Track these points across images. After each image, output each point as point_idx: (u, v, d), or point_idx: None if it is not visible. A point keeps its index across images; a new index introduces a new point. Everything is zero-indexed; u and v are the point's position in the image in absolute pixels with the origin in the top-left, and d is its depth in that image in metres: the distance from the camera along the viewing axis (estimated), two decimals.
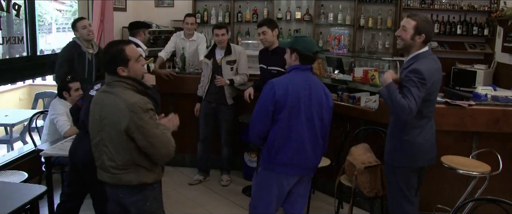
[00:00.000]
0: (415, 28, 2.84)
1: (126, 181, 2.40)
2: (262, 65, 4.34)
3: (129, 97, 2.33)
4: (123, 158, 2.37)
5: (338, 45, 4.62)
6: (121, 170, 2.39)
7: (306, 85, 2.78)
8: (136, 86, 2.43)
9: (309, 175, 2.97)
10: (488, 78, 5.87)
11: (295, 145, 2.77)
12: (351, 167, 3.46)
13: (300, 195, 2.96)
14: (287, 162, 2.78)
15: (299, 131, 2.76)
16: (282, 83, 2.76)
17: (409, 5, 6.52)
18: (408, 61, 2.89)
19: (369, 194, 3.36)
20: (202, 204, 4.27)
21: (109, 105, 2.37)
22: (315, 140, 2.83)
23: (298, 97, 2.74)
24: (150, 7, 6.89)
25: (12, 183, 3.07)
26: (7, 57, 4.50)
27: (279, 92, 2.72)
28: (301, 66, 2.83)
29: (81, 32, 4.29)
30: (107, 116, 2.37)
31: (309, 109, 2.77)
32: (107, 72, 2.44)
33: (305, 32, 6.77)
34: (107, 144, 2.39)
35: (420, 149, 2.91)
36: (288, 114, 2.73)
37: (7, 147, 5.52)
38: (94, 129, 2.46)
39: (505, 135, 3.61)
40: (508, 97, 3.73)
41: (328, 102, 2.87)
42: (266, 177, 2.86)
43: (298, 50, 2.82)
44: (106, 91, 2.42)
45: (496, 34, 6.20)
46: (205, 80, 4.62)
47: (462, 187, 3.52)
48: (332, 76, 4.56)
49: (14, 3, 4.03)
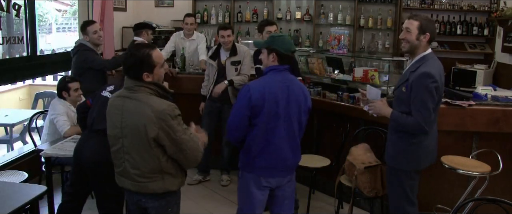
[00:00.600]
0: (419, 28, 2.82)
1: (151, 190, 2.36)
2: (259, 66, 4.32)
3: (157, 104, 2.27)
4: (149, 166, 2.32)
5: (338, 45, 4.62)
6: (147, 178, 2.34)
7: (284, 87, 2.69)
8: (158, 91, 2.37)
9: (291, 175, 2.88)
10: (488, 78, 5.87)
11: (274, 148, 2.70)
12: (351, 167, 3.46)
13: (286, 197, 2.88)
14: (267, 165, 2.72)
15: (278, 134, 2.68)
16: (259, 86, 2.66)
17: (409, 5, 6.52)
18: (415, 64, 2.87)
19: (369, 194, 3.36)
20: (202, 204, 4.27)
21: (132, 112, 2.29)
22: (293, 140, 2.76)
23: (276, 100, 2.65)
24: (150, 7, 6.89)
25: (12, 183, 3.07)
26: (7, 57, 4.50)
27: (256, 97, 2.62)
28: (279, 67, 2.73)
29: (92, 37, 4.31)
30: (130, 123, 2.30)
31: (287, 111, 2.69)
32: (129, 77, 2.36)
33: (305, 32, 6.78)
34: (131, 152, 2.33)
35: (426, 150, 2.91)
36: (266, 118, 2.64)
37: (7, 147, 5.52)
38: (114, 135, 2.39)
39: (505, 135, 3.61)
40: (508, 97, 3.73)
41: (307, 103, 2.79)
42: (247, 182, 2.78)
43: (276, 50, 2.71)
44: (127, 96, 2.34)
45: (496, 34, 6.20)
46: (210, 80, 4.62)
47: (462, 187, 3.52)
48: (332, 76, 4.56)
49: (14, 3, 4.03)
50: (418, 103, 2.76)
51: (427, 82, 2.74)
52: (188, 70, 5.19)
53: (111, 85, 3.00)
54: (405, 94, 2.85)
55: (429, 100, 2.74)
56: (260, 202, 2.80)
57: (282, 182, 2.82)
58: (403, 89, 2.88)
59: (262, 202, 2.82)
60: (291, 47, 2.78)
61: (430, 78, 2.74)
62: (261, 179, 2.75)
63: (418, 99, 2.75)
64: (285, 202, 2.89)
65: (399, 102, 2.94)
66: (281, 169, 2.78)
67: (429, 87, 2.73)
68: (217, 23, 6.73)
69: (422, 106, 2.75)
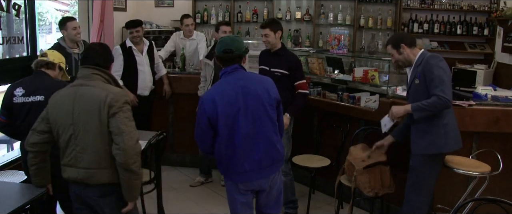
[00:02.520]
0: (393, 47, 3.17)
1: (97, 181, 2.45)
2: (264, 67, 4.29)
3: (111, 89, 2.51)
4: (100, 151, 2.43)
5: (338, 45, 4.62)
6: (97, 164, 2.43)
7: (237, 88, 2.60)
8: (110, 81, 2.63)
9: (273, 174, 2.75)
10: (488, 78, 5.87)
11: (245, 151, 2.62)
12: (351, 167, 3.46)
13: (272, 195, 2.80)
14: (242, 170, 2.65)
15: (245, 136, 2.60)
16: (209, 96, 2.62)
17: (409, 5, 6.52)
18: (418, 60, 3.13)
19: (369, 194, 3.36)
20: (202, 204, 4.27)
21: (86, 96, 2.45)
22: (267, 137, 2.66)
23: (230, 104, 2.58)
24: (150, 7, 6.89)
25: (12, 183, 3.07)
26: (7, 57, 4.49)
27: (208, 107, 2.58)
28: (227, 69, 2.67)
29: (70, 32, 4.25)
30: (84, 107, 2.43)
31: (249, 110, 2.60)
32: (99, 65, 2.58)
33: (305, 32, 6.78)
34: (83, 136, 2.43)
35: (456, 128, 3.16)
36: (225, 124, 2.58)
37: (7, 147, 5.51)
38: (63, 124, 2.48)
39: (505, 135, 3.61)
40: (508, 97, 3.73)
41: (271, 96, 2.67)
42: (229, 188, 2.75)
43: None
44: (81, 84, 2.52)
45: (496, 34, 6.20)
46: (207, 81, 4.61)
47: (462, 187, 3.52)
48: (332, 76, 4.57)
49: (14, 3, 4.03)
50: (435, 80, 2.96)
51: (436, 61, 3.02)
52: (188, 70, 5.19)
53: (18, 88, 3.04)
54: (420, 85, 3.07)
55: (444, 75, 2.98)
56: (244, 205, 2.75)
57: (265, 184, 2.73)
58: (416, 81, 3.10)
59: (247, 204, 2.77)
60: (222, 46, 2.67)
61: (437, 57, 3.06)
62: (239, 185, 2.70)
63: (433, 78, 2.97)
64: (272, 200, 2.82)
65: (417, 95, 3.12)
66: (257, 171, 2.67)
67: (439, 65, 2.99)
68: (217, 23, 6.71)
69: (439, 82, 2.95)
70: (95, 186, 2.46)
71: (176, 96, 5.12)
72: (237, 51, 2.67)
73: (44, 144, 2.60)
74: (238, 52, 2.67)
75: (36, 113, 2.97)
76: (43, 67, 3.15)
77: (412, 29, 6.59)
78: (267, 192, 2.78)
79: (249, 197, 2.78)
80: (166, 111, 5.17)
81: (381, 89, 4.08)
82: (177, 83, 5.04)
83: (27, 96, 3.04)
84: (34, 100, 3.03)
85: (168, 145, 4.71)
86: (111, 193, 2.49)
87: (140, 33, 4.72)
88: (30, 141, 2.59)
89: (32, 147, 2.59)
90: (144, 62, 4.76)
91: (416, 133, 3.17)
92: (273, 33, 3.99)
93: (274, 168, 2.75)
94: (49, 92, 2.97)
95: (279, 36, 4.05)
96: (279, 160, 2.77)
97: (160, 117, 5.08)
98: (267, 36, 3.91)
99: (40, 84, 3.07)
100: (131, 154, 2.39)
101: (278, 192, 2.85)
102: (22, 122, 3.05)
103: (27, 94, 3.04)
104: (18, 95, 3.04)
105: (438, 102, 2.93)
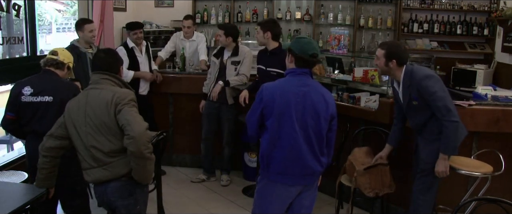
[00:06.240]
0: (385, 56, 3.12)
1: (117, 173, 2.53)
2: (261, 66, 4.33)
3: (118, 90, 2.63)
4: (114, 146, 2.51)
5: (338, 45, 4.62)
6: (112, 157, 2.51)
7: (299, 91, 2.56)
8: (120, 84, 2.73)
9: (311, 184, 2.71)
10: (488, 78, 5.87)
11: (288, 154, 2.57)
12: (352, 167, 3.46)
13: (304, 206, 2.73)
14: (281, 170, 2.60)
15: (291, 139, 2.55)
16: (270, 88, 2.60)
17: (409, 5, 6.53)
18: (404, 79, 3.12)
19: (370, 194, 3.36)
20: (202, 204, 4.27)
21: (96, 97, 2.55)
22: (312, 148, 2.60)
23: (288, 103, 2.54)
24: (150, 7, 6.89)
25: (12, 183, 3.06)
26: (7, 57, 4.49)
27: (266, 98, 2.56)
28: (296, 70, 2.62)
29: (86, 34, 4.31)
30: (94, 106, 2.52)
31: (302, 117, 2.55)
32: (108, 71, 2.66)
33: (305, 32, 6.77)
34: (95, 135, 2.51)
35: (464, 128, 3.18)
36: (277, 121, 2.55)
37: (7, 147, 5.51)
38: (79, 126, 2.55)
39: (505, 135, 3.61)
40: (508, 97, 3.73)
41: (328, 110, 2.61)
42: (264, 186, 2.69)
43: (293, 52, 2.62)
44: (91, 88, 2.63)
45: (496, 34, 6.21)
46: (211, 78, 4.63)
47: (464, 187, 3.52)
48: (332, 76, 4.56)
49: (14, 3, 4.03)
50: (439, 105, 2.98)
51: (430, 83, 3.00)
52: (188, 71, 5.19)
53: (26, 87, 3.03)
54: (419, 104, 3.08)
55: (445, 96, 3.00)
56: (279, 209, 2.68)
57: (303, 190, 2.68)
58: (414, 102, 3.11)
59: (281, 210, 2.70)
60: (308, 49, 2.60)
61: (428, 78, 3.03)
62: (280, 188, 2.63)
63: (436, 103, 2.98)
64: (302, 211, 2.74)
65: (414, 112, 3.16)
66: (298, 175, 2.62)
67: (435, 88, 2.98)
68: (217, 23, 6.72)
69: (445, 110, 2.98)
70: (116, 180, 2.54)
71: (176, 96, 5.12)
72: (318, 57, 2.71)
73: (60, 149, 2.64)
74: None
75: (43, 113, 3.00)
76: (53, 67, 3.13)
77: (412, 29, 6.59)
78: (301, 200, 2.71)
79: (285, 201, 2.69)
80: (166, 111, 5.17)
81: (381, 89, 4.07)
82: (177, 83, 5.03)
83: (35, 96, 3.03)
84: (42, 101, 3.02)
85: (168, 145, 4.71)
86: (130, 195, 2.59)
87: (142, 34, 4.79)
88: (46, 146, 2.61)
89: (48, 152, 2.61)
90: (144, 62, 4.80)
91: (425, 142, 3.20)
92: (262, 32, 4.09)
93: (311, 179, 2.70)
94: (57, 93, 3.01)
95: (268, 37, 4.11)
96: (316, 173, 2.70)
97: (160, 117, 5.08)
98: (257, 33, 4.18)
99: (48, 85, 3.06)
100: (143, 140, 2.42)
101: (311, 203, 2.77)
102: (27, 122, 3.05)
103: (35, 93, 3.03)
104: (26, 94, 3.02)
105: (455, 126, 2.98)
